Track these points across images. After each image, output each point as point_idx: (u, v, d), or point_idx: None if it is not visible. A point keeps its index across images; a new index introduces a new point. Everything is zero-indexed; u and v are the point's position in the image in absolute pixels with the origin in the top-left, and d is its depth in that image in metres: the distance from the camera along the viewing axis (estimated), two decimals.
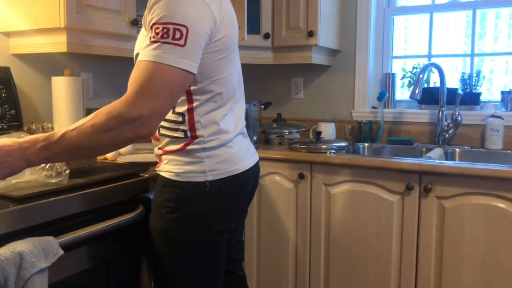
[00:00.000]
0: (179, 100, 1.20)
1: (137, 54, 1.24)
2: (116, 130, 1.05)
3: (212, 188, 1.23)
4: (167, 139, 1.27)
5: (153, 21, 1.10)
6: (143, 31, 1.25)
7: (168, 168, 1.26)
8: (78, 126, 1.07)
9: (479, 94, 2.37)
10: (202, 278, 1.30)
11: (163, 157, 1.29)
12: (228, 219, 1.30)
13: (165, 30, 1.08)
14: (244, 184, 1.33)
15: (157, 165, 1.33)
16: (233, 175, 1.27)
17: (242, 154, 1.32)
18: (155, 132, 1.11)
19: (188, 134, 1.23)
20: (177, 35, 1.08)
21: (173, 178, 1.24)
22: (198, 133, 1.23)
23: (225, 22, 1.22)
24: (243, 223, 1.50)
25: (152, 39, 1.09)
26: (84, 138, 1.06)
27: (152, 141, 1.34)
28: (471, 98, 2.36)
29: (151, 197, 1.54)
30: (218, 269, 1.33)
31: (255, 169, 1.39)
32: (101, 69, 2.23)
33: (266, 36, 2.43)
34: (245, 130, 1.39)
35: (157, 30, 1.09)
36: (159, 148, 1.30)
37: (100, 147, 1.10)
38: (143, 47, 1.11)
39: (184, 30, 1.09)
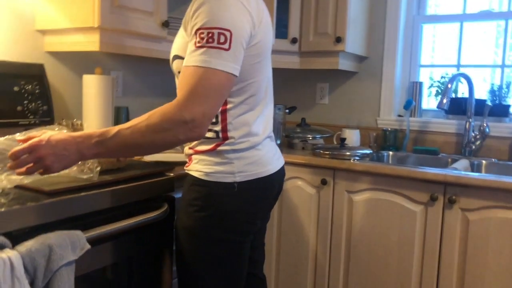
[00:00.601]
0: None
1: (174, 56, 1.29)
2: (169, 131, 1.10)
3: (240, 189, 1.26)
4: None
5: (197, 26, 1.14)
6: (180, 33, 1.28)
7: (198, 168, 1.28)
8: (133, 125, 1.11)
9: (509, 106, 2.33)
10: (226, 277, 1.31)
11: (193, 156, 1.31)
12: (253, 220, 1.33)
13: (210, 35, 1.12)
14: (270, 187, 1.35)
15: (186, 164, 1.35)
16: (260, 177, 1.29)
17: (270, 157, 1.34)
18: (204, 134, 1.14)
19: (220, 135, 1.26)
20: (222, 39, 1.12)
21: (203, 177, 1.27)
22: (229, 134, 1.26)
23: (262, 28, 1.25)
24: (265, 226, 1.51)
25: (198, 44, 1.13)
26: (138, 137, 1.11)
27: None
28: (500, 110, 2.32)
29: (176, 196, 1.57)
30: (242, 269, 1.34)
31: (281, 172, 1.41)
32: (131, 68, 2.28)
33: (294, 40, 2.44)
34: (272, 134, 1.41)
35: (202, 35, 1.12)
36: (190, 148, 1.33)
37: (152, 147, 1.14)
38: (189, 52, 1.14)
39: (228, 34, 1.13)
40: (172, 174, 1.55)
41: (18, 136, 1.18)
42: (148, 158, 1.76)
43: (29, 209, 1.09)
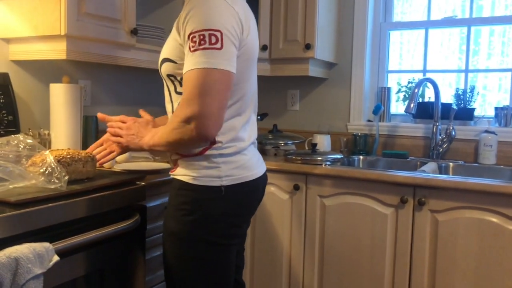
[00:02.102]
0: None
1: (163, 59, 1.32)
2: (178, 131, 1.20)
3: (226, 193, 1.28)
4: None
5: (189, 31, 1.19)
6: (172, 35, 1.31)
7: (185, 172, 1.29)
8: (166, 124, 1.28)
9: (473, 109, 2.40)
10: (214, 281, 1.32)
11: (180, 161, 1.32)
12: (240, 224, 1.35)
13: (201, 37, 1.17)
14: (256, 191, 1.38)
15: (172, 170, 1.36)
16: (246, 181, 1.32)
17: (254, 162, 1.37)
18: (212, 132, 1.18)
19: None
20: (213, 40, 1.17)
21: (190, 181, 1.28)
22: (217, 138, 1.28)
23: (251, 33, 1.29)
24: (246, 231, 1.52)
25: (192, 49, 1.18)
26: (165, 136, 1.25)
27: None
28: (465, 114, 2.39)
29: (148, 205, 1.55)
30: (229, 273, 1.35)
31: (264, 177, 1.44)
32: (99, 76, 2.24)
33: (264, 48, 2.46)
34: (256, 141, 1.44)
35: (194, 39, 1.18)
36: (177, 153, 1.33)
37: (174, 145, 1.26)
38: (186, 59, 1.20)
39: (218, 34, 1.17)
40: (143, 183, 1.53)
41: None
42: (118, 167, 1.74)
43: None
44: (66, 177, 1.29)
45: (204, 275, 1.30)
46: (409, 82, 2.61)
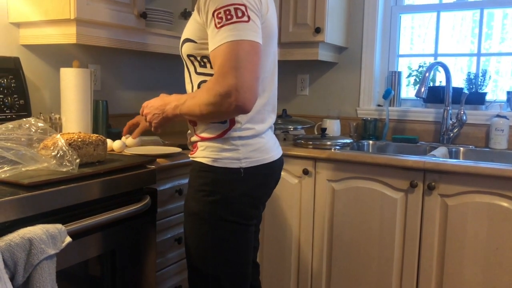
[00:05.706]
0: None
1: (185, 40, 1.33)
2: (212, 105, 1.18)
3: (245, 174, 1.30)
4: (204, 125, 1.32)
5: (213, 9, 1.19)
6: (193, 16, 1.31)
7: (205, 154, 1.32)
8: (194, 96, 1.26)
9: (485, 94, 2.37)
10: (233, 260, 1.35)
11: (199, 143, 1.34)
12: (257, 205, 1.38)
13: (227, 12, 1.17)
14: (272, 173, 1.40)
15: (191, 152, 1.39)
16: (264, 163, 1.34)
17: (272, 145, 1.39)
18: (250, 104, 1.18)
19: (227, 119, 1.29)
20: (239, 13, 1.17)
21: (210, 163, 1.30)
22: (236, 118, 1.29)
23: (270, 10, 1.30)
24: (261, 213, 1.55)
25: (218, 25, 1.18)
26: (195, 107, 1.24)
27: (189, 126, 1.40)
28: (476, 98, 2.37)
29: (158, 188, 1.56)
30: (248, 252, 1.38)
31: (280, 160, 1.46)
32: (109, 61, 2.25)
33: None
34: (273, 125, 1.45)
35: (219, 15, 1.17)
36: (196, 135, 1.35)
37: (205, 117, 1.25)
38: (212, 37, 1.19)
39: (243, 8, 1.18)
40: (153, 167, 1.54)
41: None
42: (129, 150, 1.75)
43: (8, 202, 1.07)
44: (78, 160, 1.30)
45: (224, 254, 1.33)
46: (420, 66, 2.58)
